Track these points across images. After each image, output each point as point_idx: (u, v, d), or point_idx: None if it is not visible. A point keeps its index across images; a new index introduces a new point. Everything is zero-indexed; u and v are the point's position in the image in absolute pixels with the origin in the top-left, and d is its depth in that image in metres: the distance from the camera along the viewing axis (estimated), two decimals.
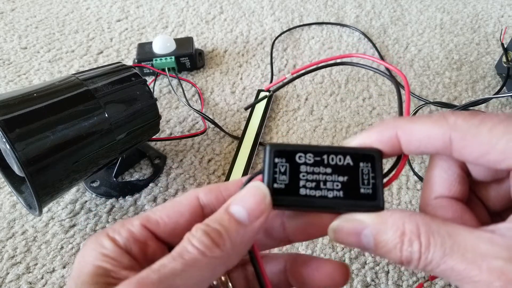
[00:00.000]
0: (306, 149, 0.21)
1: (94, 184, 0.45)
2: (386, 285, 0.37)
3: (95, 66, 0.60)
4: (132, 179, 0.47)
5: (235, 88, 0.59)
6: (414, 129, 0.19)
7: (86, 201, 0.44)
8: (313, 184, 0.20)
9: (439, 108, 0.54)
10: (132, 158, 0.48)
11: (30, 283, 0.38)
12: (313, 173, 0.20)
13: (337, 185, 0.20)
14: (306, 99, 0.56)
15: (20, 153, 0.32)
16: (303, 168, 0.20)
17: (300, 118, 0.54)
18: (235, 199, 0.20)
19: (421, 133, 0.19)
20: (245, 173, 0.45)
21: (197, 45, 0.67)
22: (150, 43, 0.61)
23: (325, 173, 0.20)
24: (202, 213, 0.21)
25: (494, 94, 0.55)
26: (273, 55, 0.64)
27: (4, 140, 0.32)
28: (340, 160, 0.20)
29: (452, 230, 0.18)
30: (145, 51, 0.60)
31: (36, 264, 0.39)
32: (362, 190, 0.20)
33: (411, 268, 0.18)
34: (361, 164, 0.20)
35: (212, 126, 0.52)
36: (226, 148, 0.50)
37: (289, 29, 0.69)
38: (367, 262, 0.38)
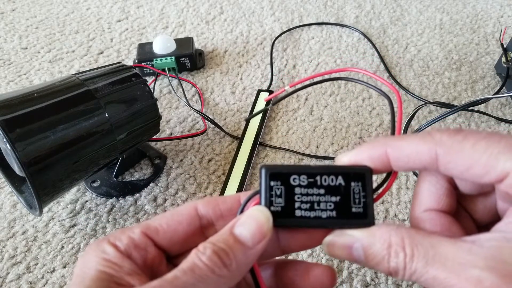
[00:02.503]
0: (299, 171, 0.21)
1: (95, 184, 0.45)
2: (386, 285, 0.37)
3: (95, 66, 0.60)
4: (132, 179, 0.47)
5: (235, 88, 0.59)
6: (403, 146, 0.20)
7: (86, 201, 0.44)
8: (308, 205, 0.21)
9: (438, 108, 0.54)
10: (132, 158, 0.48)
11: (30, 283, 0.38)
12: (307, 194, 0.21)
13: (330, 206, 0.21)
14: (306, 99, 0.56)
15: (20, 153, 0.32)
16: (297, 190, 0.21)
17: (300, 118, 0.54)
18: (239, 221, 0.20)
19: (409, 150, 0.20)
20: (244, 173, 0.45)
21: (197, 45, 0.67)
22: (151, 43, 0.61)
23: (319, 194, 0.21)
24: (199, 224, 0.22)
25: (493, 94, 0.55)
26: (273, 55, 0.64)
27: (4, 140, 0.33)
28: (332, 180, 0.21)
29: (435, 241, 0.19)
30: (145, 51, 0.60)
31: (36, 264, 0.39)
32: (353, 209, 0.21)
33: (399, 278, 0.19)
34: (353, 184, 0.21)
35: (212, 126, 0.52)
36: (226, 148, 0.50)
37: (289, 30, 0.69)
38: None
